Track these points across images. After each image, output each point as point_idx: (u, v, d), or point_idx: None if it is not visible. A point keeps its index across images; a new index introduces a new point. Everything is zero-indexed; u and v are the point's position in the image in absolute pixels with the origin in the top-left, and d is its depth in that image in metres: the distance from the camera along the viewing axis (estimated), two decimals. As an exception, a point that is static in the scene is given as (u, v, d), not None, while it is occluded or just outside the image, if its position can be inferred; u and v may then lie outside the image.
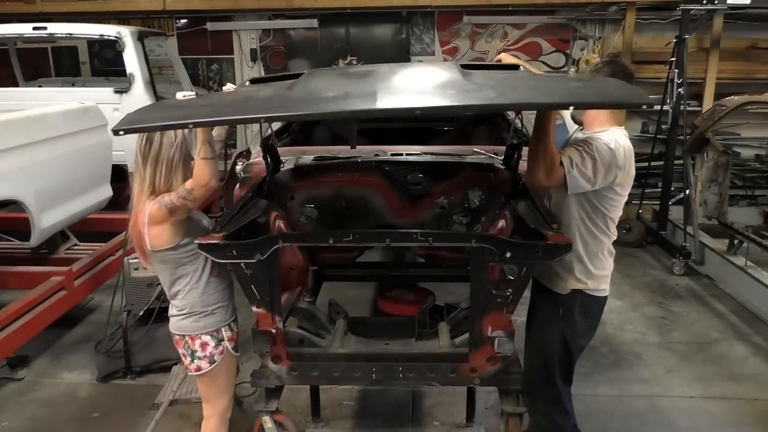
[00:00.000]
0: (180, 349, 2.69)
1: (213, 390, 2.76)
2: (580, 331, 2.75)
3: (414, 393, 3.83)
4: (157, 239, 2.48)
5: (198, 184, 2.37)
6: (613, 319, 4.94)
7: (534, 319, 2.85)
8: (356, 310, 4.99)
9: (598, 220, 2.67)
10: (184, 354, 2.67)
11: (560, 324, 2.72)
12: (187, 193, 2.39)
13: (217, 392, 2.76)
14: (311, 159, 3.65)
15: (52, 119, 4.53)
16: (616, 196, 2.63)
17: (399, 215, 3.66)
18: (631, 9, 7.47)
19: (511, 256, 2.34)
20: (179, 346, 2.68)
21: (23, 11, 8.13)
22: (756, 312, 5.00)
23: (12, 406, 3.79)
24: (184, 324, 2.63)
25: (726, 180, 5.38)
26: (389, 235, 2.59)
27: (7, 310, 3.86)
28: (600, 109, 2.65)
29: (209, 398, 2.78)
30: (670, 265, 6.13)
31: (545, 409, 2.76)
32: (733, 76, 7.48)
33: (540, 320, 2.82)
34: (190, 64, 8.28)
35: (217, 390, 2.76)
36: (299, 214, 3.64)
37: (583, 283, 2.72)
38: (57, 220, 4.50)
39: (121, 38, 6.35)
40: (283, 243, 2.49)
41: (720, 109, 5.49)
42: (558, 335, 2.73)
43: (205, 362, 2.65)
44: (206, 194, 2.40)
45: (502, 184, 3.51)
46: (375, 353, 2.73)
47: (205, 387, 2.76)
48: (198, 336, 2.62)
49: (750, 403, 3.83)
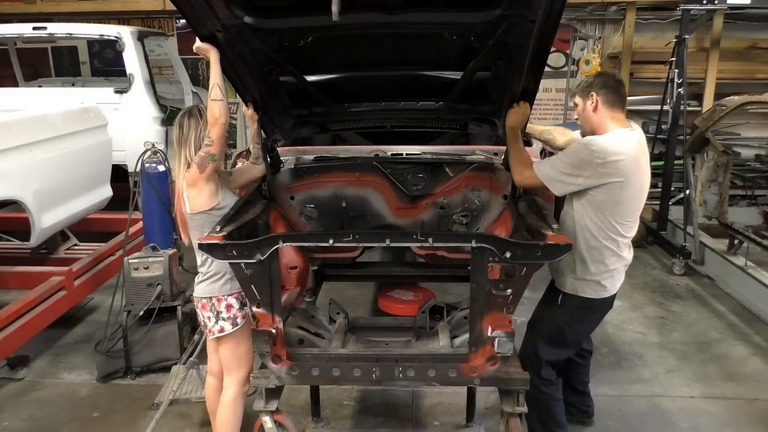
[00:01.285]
0: (205, 313, 2.82)
1: (235, 356, 2.89)
2: (574, 322, 2.96)
3: (414, 393, 3.83)
4: (194, 201, 2.74)
5: (210, 123, 2.66)
6: (613, 319, 4.94)
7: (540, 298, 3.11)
8: (356, 310, 4.99)
9: (600, 219, 2.74)
10: (209, 317, 2.82)
11: (558, 311, 2.95)
12: (207, 140, 2.68)
13: (238, 361, 2.90)
14: (311, 159, 3.65)
15: (52, 119, 4.54)
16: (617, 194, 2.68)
17: (399, 215, 3.67)
18: (631, 9, 7.47)
19: (511, 256, 2.34)
20: (205, 309, 2.82)
21: (23, 11, 8.13)
22: (756, 312, 5.00)
23: (12, 406, 3.79)
24: (212, 287, 2.80)
25: (726, 180, 5.38)
26: (389, 235, 2.59)
27: (7, 310, 3.87)
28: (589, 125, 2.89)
29: (230, 366, 2.91)
30: (670, 265, 6.13)
31: None
32: (733, 76, 7.48)
33: (541, 301, 3.10)
34: (190, 64, 8.28)
35: (238, 358, 2.89)
36: (299, 214, 3.65)
37: (584, 281, 2.83)
38: (57, 220, 4.51)
39: (121, 38, 6.35)
40: (283, 243, 2.49)
41: (720, 109, 5.49)
42: (552, 320, 3.00)
43: (228, 323, 2.81)
44: (221, 132, 2.66)
45: (502, 184, 3.51)
46: (375, 353, 2.73)
47: (229, 352, 2.88)
48: (224, 297, 2.79)
49: (750, 403, 3.83)
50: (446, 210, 3.64)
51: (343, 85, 3.18)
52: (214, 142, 2.66)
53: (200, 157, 2.68)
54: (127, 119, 6.22)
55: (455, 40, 2.68)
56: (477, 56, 2.76)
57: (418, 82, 3.18)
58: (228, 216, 2.72)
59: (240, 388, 2.94)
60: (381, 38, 2.85)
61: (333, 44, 2.86)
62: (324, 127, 3.60)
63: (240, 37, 2.55)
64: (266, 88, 2.96)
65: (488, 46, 2.62)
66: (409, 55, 2.99)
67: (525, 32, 2.39)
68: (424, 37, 2.83)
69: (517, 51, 2.56)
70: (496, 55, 2.69)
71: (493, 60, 2.76)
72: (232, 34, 2.50)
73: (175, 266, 4.22)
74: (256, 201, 3.18)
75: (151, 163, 4.64)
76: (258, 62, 2.76)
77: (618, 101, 2.82)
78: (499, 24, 2.44)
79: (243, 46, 2.60)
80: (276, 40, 2.65)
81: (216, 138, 2.66)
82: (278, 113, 3.22)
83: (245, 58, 2.69)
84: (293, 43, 2.72)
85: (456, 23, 2.57)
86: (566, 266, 2.86)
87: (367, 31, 2.68)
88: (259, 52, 2.68)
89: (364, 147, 3.83)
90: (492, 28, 2.49)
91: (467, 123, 3.53)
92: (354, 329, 3.14)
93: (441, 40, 2.74)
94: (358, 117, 3.47)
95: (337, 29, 2.45)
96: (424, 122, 3.59)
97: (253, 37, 2.56)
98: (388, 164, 3.57)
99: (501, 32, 2.48)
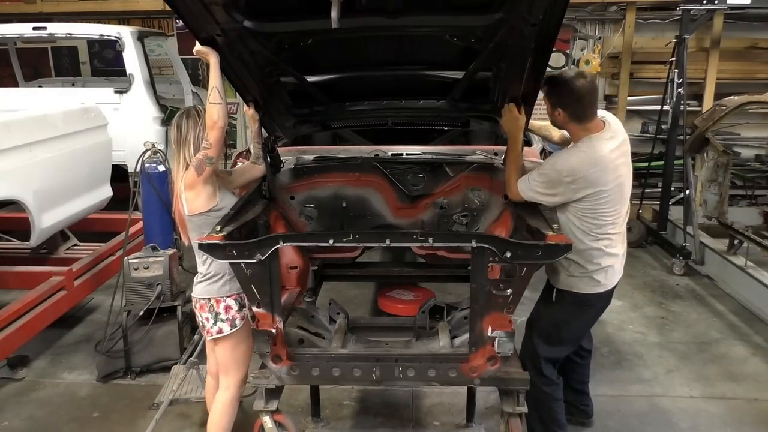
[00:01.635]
0: (204, 314, 2.82)
1: (233, 358, 2.89)
2: (570, 319, 3.00)
3: (414, 393, 3.83)
4: (192, 202, 2.72)
5: (208, 126, 2.65)
6: (613, 319, 4.94)
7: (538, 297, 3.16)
8: (356, 310, 4.99)
9: (583, 225, 2.80)
10: (207, 318, 2.82)
11: (554, 307, 2.99)
12: (205, 143, 2.66)
13: (236, 362, 2.90)
14: (311, 159, 3.65)
15: (52, 119, 4.54)
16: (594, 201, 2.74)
17: (399, 215, 3.67)
18: (631, 9, 7.46)
19: (511, 256, 2.34)
20: (203, 310, 2.81)
21: (23, 11, 8.12)
22: (756, 312, 5.00)
23: (12, 406, 3.79)
24: (211, 288, 2.79)
25: (726, 180, 5.38)
26: (389, 235, 2.59)
27: (7, 310, 3.87)
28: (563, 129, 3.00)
29: (228, 367, 2.91)
30: (670, 265, 6.13)
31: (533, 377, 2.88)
32: (733, 76, 7.48)
33: (538, 300, 3.14)
34: (190, 64, 8.26)
35: (236, 359, 2.89)
36: (299, 214, 3.65)
37: (576, 277, 2.89)
38: (57, 220, 4.51)
39: (121, 38, 6.35)
40: (283, 243, 2.49)
41: (720, 109, 5.49)
42: (549, 318, 3.03)
43: (227, 325, 2.80)
44: (219, 135, 2.66)
45: (502, 184, 3.51)
46: (375, 353, 2.73)
47: (227, 353, 2.88)
48: (223, 299, 2.79)
49: (750, 403, 3.83)
50: (446, 210, 3.64)
51: (344, 84, 3.17)
52: (212, 145, 2.65)
53: (198, 160, 2.67)
54: (127, 119, 6.22)
55: (456, 42, 2.68)
56: (478, 57, 2.76)
57: (419, 82, 3.18)
58: (228, 216, 2.72)
59: (237, 390, 2.93)
60: (381, 40, 2.85)
61: (333, 46, 2.86)
62: (325, 125, 3.61)
63: (240, 41, 2.55)
64: (267, 89, 2.96)
65: (489, 49, 2.62)
66: (409, 55, 2.99)
67: (526, 36, 2.39)
68: (424, 39, 2.83)
69: (518, 53, 2.56)
70: (496, 57, 2.69)
71: (494, 62, 2.76)
72: (231, 37, 2.50)
73: (175, 266, 4.22)
74: (256, 201, 3.18)
75: (151, 163, 4.65)
76: (258, 64, 2.76)
77: (585, 113, 2.77)
78: (500, 27, 2.44)
79: (243, 49, 2.60)
80: (276, 44, 2.65)
81: (214, 141, 2.65)
82: (279, 113, 3.22)
83: (245, 60, 2.69)
84: (293, 46, 2.72)
85: (456, 26, 2.57)
86: (559, 264, 2.89)
87: (367, 34, 2.68)
88: (259, 54, 2.68)
89: (364, 147, 3.83)
90: (492, 32, 2.49)
91: (468, 121, 3.53)
92: (354, 329, 3.14)
93: (441, 43, 2.74)
94: (359, 116, 3.47)
95: (337, 32, 2.45)
96: (426, 120, 3.59)
97: (252, 40, 2.56)
98: (388, 164, 3.57)
99: (501, 35, 2.48)
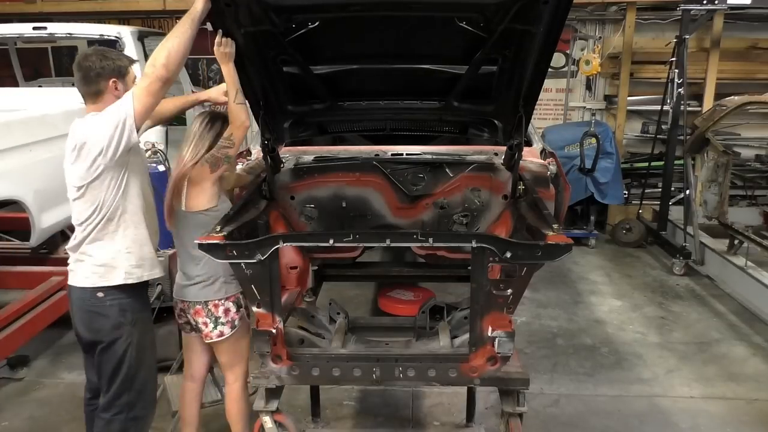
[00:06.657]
0: (201, 318, 2.80)
1: (236, 354, 2.92)
2: None
3: (414, 393, 3.83)
4: (194, 199, 2.73)
5: (235, 125, 2.68)
6: (613, 320, 4.95)
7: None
8: (356, 310, 4.99)
9: None
10: (205, 323, 2.80)
11: None
12: (226, 141, 2.68)
13: (239, 357, 2.94)
14: (311, 159, 3.65)
15: (52, 119, 4.53)
16: None
17: (399, 215, 3.67)
18: (631, 9, 7.46)
19: (511, 256, 2.34)
20: (200, 315, 2.80)
21: (23, 11, 8.12)
22: (756, 312, 5.00)
23: (12, 405, 3.79)
24: (206, 291, 2.78)
25: (726, 180, 5.38)
26: (389, 235, 2.59)
27: (7, 310, 3.86)
28: None
29: (232, 363, 2.94)
30: (670, 265, 6.13)
31: None
32: (733, 76, 7.48)
33: None
34: (190, 64, 8.28)
35: (238, 354, 2.93)
36: (299, 214, 3.65)
37: None
38: (57, 220, 4.50)
39: (121, 38, 6.34)
40: (283, 243, 2.49)
41: (720, 109, 5.49)
42: None
43: (227, 327, 2.82)
44: (243, 134, 2.72)
45: (502, 184, 3.51)
46: (375, 353, 2.73)
47: (229, 352, 2.91)
48: (221, 302, 2.79)
49: (750, 403, 3.83)
50: (446, 210, 3.63)
51: (346, 78, 3.15)
52: (234, 144, 2.68)
53: (215, 156, 2.68)
54: (127, 119, 6.21)
55: (464, 27, 2.66)
56: (485, 46, 2.74)
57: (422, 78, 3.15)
58: (228, 216, 2.71)
59: (245, 379, 2.99)
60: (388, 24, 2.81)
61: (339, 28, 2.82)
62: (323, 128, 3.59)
63: (248, 13, 2.54)
64: (268, 79, 2.94)
65: (497, 32, 2.60)
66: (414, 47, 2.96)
67: (537, 15, 2.38)
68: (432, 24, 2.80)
69: (527, 39, 2.55)
70: (504, 43, 2.67)
71: (501, 50, 2.74)
72: (240, 6, 2.50)
73: (175, 266, 4.21)
74: (256, 201, 3.18)
75: (151, 163, 4.63)
76: (263, 47, 2.74)
77: None
78: (512, 5, 2.44)
79: (250, 25, 2.59)
80: (284, 20, 2.63)
81: (238, 141, 2.69)
82: (278, 112, 3.21)
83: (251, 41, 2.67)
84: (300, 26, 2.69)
85: (467, 3, 2.57)
86: None
87: (375, 13, 2.65)
88: (265, 34, 2.66)
89: (364, 147, 3.83)
90: (504, 10, 2.48)
91: (468, 127, 3.52)
92: (354, 329, 3.14)
93: (447, 31, 2.72)
94: (359, 117, 3.46)
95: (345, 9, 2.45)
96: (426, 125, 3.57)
97: (261, 13, 2.54)
98: (388, 164, 3.57)
99: (513, 15, 2.48)
